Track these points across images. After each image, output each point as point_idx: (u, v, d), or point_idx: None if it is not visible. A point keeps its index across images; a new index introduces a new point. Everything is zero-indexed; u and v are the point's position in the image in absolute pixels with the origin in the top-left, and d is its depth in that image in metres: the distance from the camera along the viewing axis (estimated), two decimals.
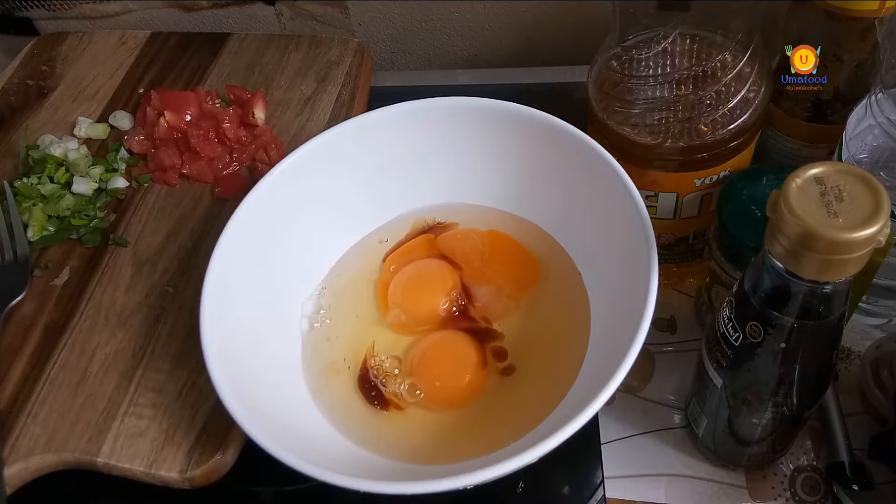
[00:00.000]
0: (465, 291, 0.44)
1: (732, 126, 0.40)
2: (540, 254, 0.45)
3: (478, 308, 0.43)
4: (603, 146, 0.41)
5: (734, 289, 0.33)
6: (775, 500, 0.40)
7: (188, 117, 0.54)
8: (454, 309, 0.43)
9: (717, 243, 0.41)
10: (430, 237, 0.47)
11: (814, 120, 0.45)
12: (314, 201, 0.45)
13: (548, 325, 0.42)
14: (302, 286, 0.45)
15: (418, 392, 0.40)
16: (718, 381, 0.35)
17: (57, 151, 0.53)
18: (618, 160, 0.40)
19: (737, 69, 0.40)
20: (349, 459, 0.38)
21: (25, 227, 0.50)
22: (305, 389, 0.41)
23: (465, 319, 0.43)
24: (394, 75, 0.68)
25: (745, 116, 0.40)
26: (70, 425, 0.41)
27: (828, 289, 0.28)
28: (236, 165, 0.53)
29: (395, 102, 0.45)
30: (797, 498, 0.40)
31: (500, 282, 0.44)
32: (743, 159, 0.42)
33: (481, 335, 0.42)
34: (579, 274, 0.44)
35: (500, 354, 0.41)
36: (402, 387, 0.40)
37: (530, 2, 0.62)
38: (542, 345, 0.42)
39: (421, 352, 0.42)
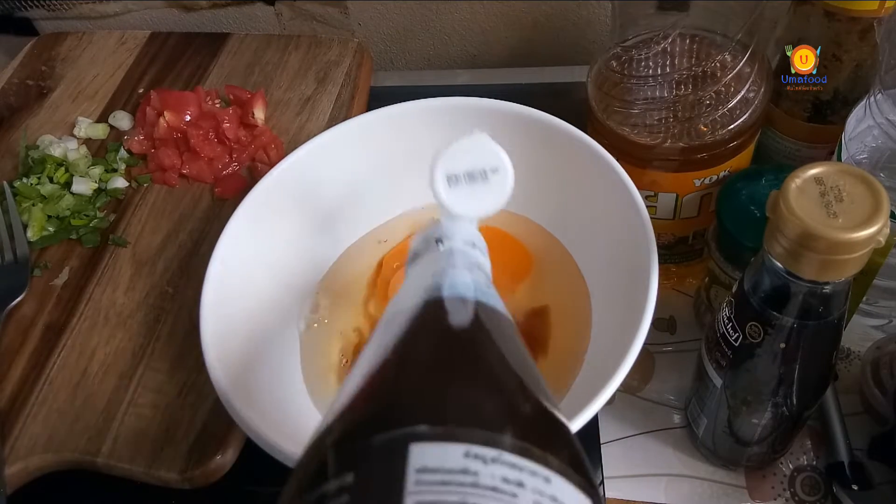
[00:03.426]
0: None
1: (732, 126, 0.40)
2: (541, 253, 0.45)
3: None
4: (603, 146, 0.40)
5: (734, 289, 0.33)
6: (775, 500, 0.40)
7: (188, 117, 0.54)
8: None
9: (717, 243, 0.41)
10: None
11: (813, 120, 0.45)
12: (314, 201, 0.45)
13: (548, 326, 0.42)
14: (301, 285, 0.45)
15: None
16: (718, 382, 0.35)
17: (56, 151, 0.53)
18: (617, 160, 0.40)
19: (736, 69, 0.40)
20: None
21: (25, 227, 0.50)
22: (305, 389, 0.41)
23: None
24: (393, 75, 0.68)
25: (744, 116, 0.40)
26: (70, 425, 0.41)
27: (827, 289, 0.28)
28: (236, 165, 0.53)
29: (395, 102, 0.45)
30: (797, 498, 0.40)
31: (495, 275, 0.44)
32: (743, 159, 0.42)
33: None
34: (581, 273, 0.44)
35: None
36: None
37: (530, 2, 0.62)
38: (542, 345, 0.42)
39: None
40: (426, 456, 0.15)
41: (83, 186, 0.52)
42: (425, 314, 0.22)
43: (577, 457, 0.18)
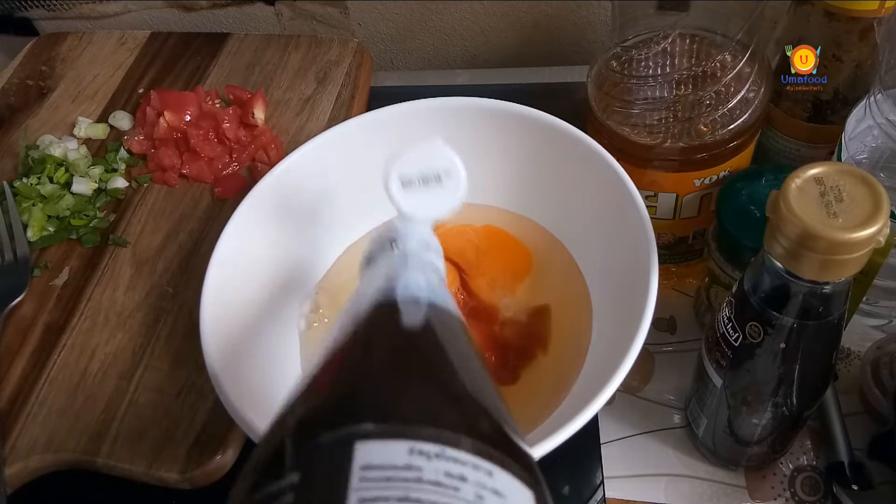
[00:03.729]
0: (465, 287, 0.44)
1: (732, 126, 0.40)
2: (541, 252, 0.45)
3: (477, 303, 0.43)
4: (603, 146, 0.41)
5: (734, 289, 0.33)
6: (775, 499, 0.40)
7: (188, 117, 0.54)
8: None
9: (717, 243, 0.41)
10: None
11: (814, 120, 0.45)
12: (313, 201, 0.45)
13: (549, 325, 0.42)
14: (301, 285, 0.45)
15: None
16: (718, 382, 0.35)
17: (57, 151, 0.53)
18: (617, 160, 0.40)
19: (736, 69, 0.40)
20: None
21: (25, 227, 0.50)
22: None
23: (467, 316, 0.43)
24: (394, 75, 0.68)
25: (744, 116, 0.40)
26: (70, 425, 0.41)
27: (827, 289, 0.28)
28: (236, 165, 0.53)
29: (395, 102, 0.45)
30: (797, 498, 0.40)
31: (495, 274, 0.44)
32: (743, 159, 0.42)
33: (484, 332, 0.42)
34: (581, 273, 0.44)
35: (504, 354, 0.41)
36: None
37: (530, 2, 0.62)
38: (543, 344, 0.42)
39: None
40: (371, 453, 0.15)
41: (83, 186, 0.52)
42: (379, 314, 0.23)
43: (521, 452, 0.18)
